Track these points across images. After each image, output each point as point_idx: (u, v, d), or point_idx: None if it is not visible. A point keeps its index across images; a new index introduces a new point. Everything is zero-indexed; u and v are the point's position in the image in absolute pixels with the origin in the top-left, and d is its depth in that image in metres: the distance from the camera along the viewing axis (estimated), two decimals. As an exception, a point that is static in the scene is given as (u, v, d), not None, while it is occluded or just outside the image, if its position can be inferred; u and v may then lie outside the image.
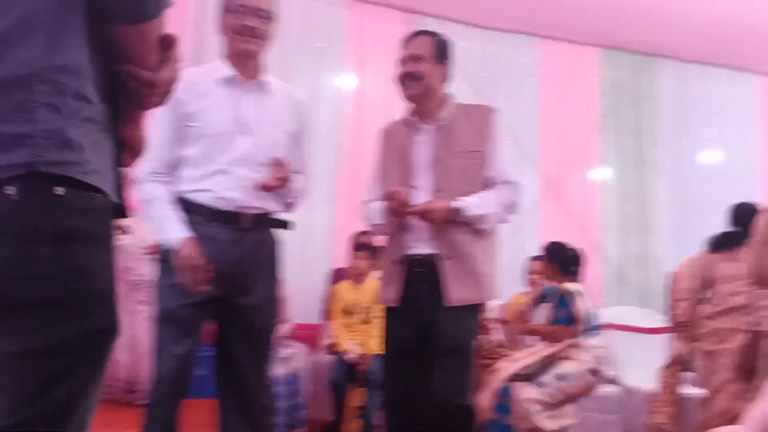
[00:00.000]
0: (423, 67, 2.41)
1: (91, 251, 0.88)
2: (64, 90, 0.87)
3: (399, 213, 2.35)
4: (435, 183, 2.39)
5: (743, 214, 3.95)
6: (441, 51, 2.48)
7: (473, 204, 2.33)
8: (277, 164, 2.16)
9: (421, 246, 2.39)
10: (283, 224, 2.34)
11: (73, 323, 0.85)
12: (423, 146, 2.45)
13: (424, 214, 2.29)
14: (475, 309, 2.39)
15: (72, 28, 0.90)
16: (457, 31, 5.41)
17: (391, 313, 2.48)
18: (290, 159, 2.27)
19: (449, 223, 2.32)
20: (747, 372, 3.58)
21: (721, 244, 3.96)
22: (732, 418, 3.53)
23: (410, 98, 2.46)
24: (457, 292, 2.30)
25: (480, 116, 2.48)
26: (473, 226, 2.35)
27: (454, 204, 2.30)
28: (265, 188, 2.15)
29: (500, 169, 2.43)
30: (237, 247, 2.14)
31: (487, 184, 2.41)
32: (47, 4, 0.87)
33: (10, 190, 0.82)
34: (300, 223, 4.70)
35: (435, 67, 2.44)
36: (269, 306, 2.27)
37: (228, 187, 2.11)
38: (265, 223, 2.25)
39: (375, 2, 5.11)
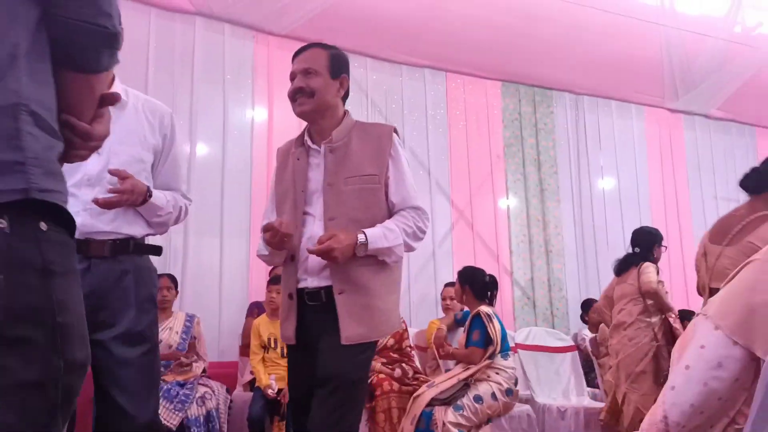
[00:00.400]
0: (315, 82, 2.16)
1: (68, 285, 0.89)
2: (42, 123, 0.88)
3: (275, 245, 2.11)
4: (326, 210, 2.14)
5: (639, 238, 4.30)
6: (336, 64, 2.22)
7: (377, 236, 2.08)
8: (118, 177, 1.99)
9: (313, 278, 2.15)
10: (153, 250, 2.18)
11: (59, 356, 0.86)
12: (315, 169, 2.21)
13: (325, 255, 2.02)
14: (368, 344, 2.14)
15: (45, 64, 0.92)
16: (367, 65, 5.56)
17: (291, 351, 2.27)
18: (158, 175, 2.17)
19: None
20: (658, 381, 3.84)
21: (619, 268, 4.28)
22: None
23: (302, 115, 2.22)
24: (352, 329, 2.06)
25: (378, 136, 2.22)
26: (371, 258, 2.11)
27: (358, 240, 2.05)
28: (100, 204, 1.97)
29: (404, 194, 2.19)
30: (88, 278, 1.95)
31: (390, 210, 2.19)
32: (29, 39, 0.88)
33: (2, 223, 0.81)
34: (214, 257, 4.68)
35: (329, 81, 2.19)
36: (139, 338, 2.05)
37: (74, 212, 1.91)
38: (125, 249, 2.06)
39: (283, 35, 5.15)
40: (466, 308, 4.37)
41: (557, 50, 5.93)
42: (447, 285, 4.95)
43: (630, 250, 4.30)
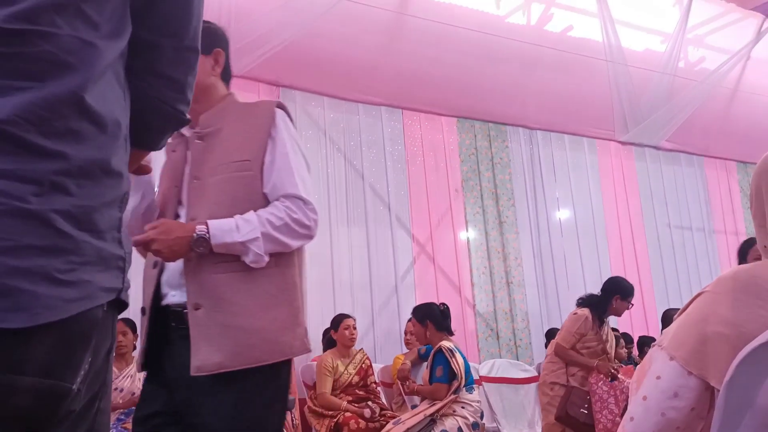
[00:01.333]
0: None
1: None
2: None
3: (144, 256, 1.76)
4: (188, 209, 1.74)
5: (605, 284, 4.40)
6: (205, 38, 1.73)
7: (224, 229, 1.62)
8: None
9: (175, 291, 1.70)
10: None
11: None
12: (189, 159, 1.81)
13: (147, 245, 1.59)
14: (248, 377, 1.61)
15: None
16: (324, 104, 5.62)
17: (146, 382, 1.79)
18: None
19: (202, 258, 1.63)
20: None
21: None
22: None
23: None
24: (202, 356, 1.58)
25: (256, 116, 1.79)
26: (237, 262, 1.66)
27: (196, 231, 1.60)
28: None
29: (278, 181, 1.73)
30: None
31: (267, 202, 1.74)
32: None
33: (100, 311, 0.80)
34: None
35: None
36: None
37: None
38: None
39: (241, 75, 5.18)
40: (428, 343, 4.38)
41: (510, 87, 6.10)
42: (410, 320, 4.96)
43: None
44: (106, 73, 0.79)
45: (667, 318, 5.35)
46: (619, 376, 3.95)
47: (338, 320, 4.62)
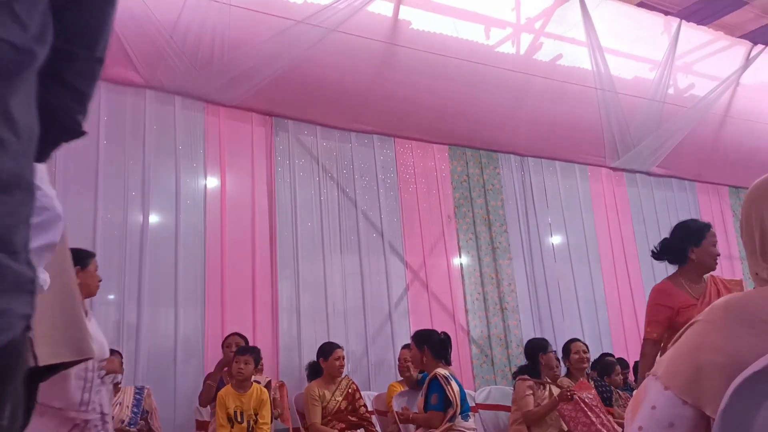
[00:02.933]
0: None
1: None
2: None
3: None
4: None
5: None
6: None
7: None
8: None
9: None
10: None
11: None
12: None
13: None
14: None
15: None
16: (317, 132, 5.66)
17: None
18: None
19: None
20: None
21: None
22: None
23: None
24: None
25: None
26: None
27: None
28: None
29: None
30: None
31: None
32: None
33: None
34: (169, 328, 4.57)
35: None
36: None
37: None
38: None
39: (233, 106, 5.22)
40: (424, 371, 4.36)
41: (501, 115, 6.16)
42: (404, 347, 4.94)
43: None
44: (29, 79, 0.74)
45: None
46: (575, 394, 4.28)
47: (329, 350, 4.60)
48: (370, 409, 4.75)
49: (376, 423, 4.65)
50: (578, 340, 5.04)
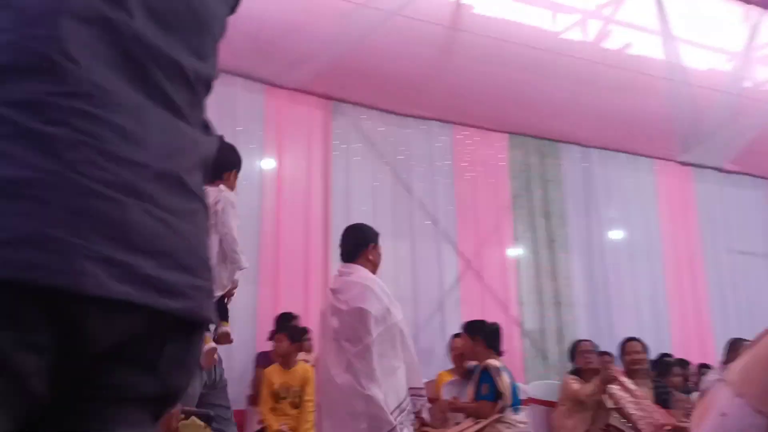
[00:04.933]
0: None
1: None
2: None
3: None
4: None
5: None
6: None
7: None
8: None
9: None
10: None
11: None
12: None
13: None
14: None
15: None
16: (374, 117, 5.62)
17: None
18: None
19: None
20: None
21: None
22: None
23: None
24: None
25: None
26: None
27: None
28: None
29: None
30: None
31: None
32: None
33: None
34: (221, 305, 4.63)
35: None
36: None
37: None
38: None
39: (294, 88, 5.23)
40: (476, 361, 4.31)
41: (565, 103, 5.98)
42: (455, 336, 4.89)
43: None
44: None
45: (734, 348, 5.20)
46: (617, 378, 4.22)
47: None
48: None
49: (424, 411, 4.61)
50: (635, 339, 4.87)
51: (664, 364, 5.25)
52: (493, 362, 4.01)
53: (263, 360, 4.47)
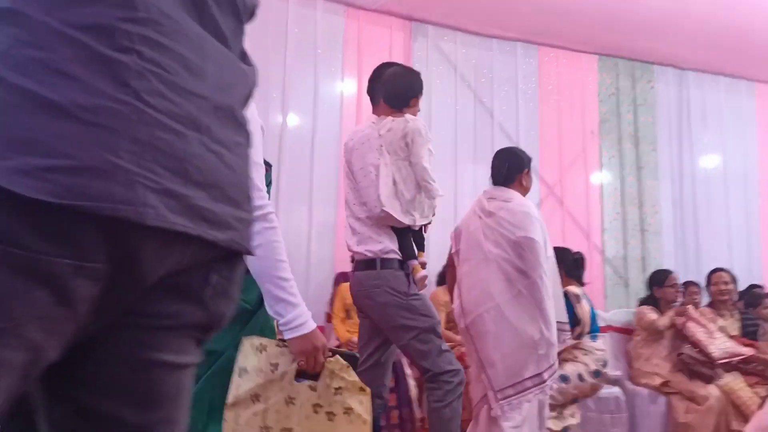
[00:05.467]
0: None
1: None
2: None
3: None
4: None
5: None
6: None
7: None
8: None
9: None
10: None
11: None
12: None
13: None
14: None
15: None
16: (457, 39, 5.48)
17: None
18: None
19: None
20: None
21: None
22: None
23: None
24: None
25: None
26: None
27: None
28: None
29: None
30: None
31: None
32: None
33: None
34: (302, 224, 4.79)
35: None
36: None
37: None
38: None
39: (374, 9, 5.15)
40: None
41: (661, 23, 5.59)
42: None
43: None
44: None
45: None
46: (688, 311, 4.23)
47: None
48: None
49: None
50: (723, 269, 4.70)
51: (753, 296, 5.07)
52: (572, 289, 3.98)
53: (342, 279, 4.60)
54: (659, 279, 4.59)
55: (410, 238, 2.89)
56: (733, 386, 3.93)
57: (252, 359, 1.54)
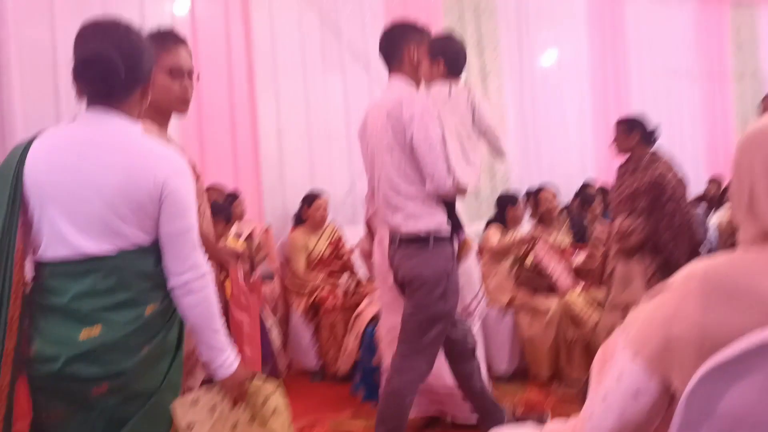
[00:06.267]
0: None
1: None
2: None
3: None
4: None
5: None
6: None
7: None
8: None
9: None
10: None
11: None
12: None
13: None
14: None
15: None
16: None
17: None
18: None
19: None
20: None
21: None
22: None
23: None
24: None
25: None
26: None
27: None
28: None
29: None
30: None
31: None
32: None
33: None
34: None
35: None
36: None
37: None
38: None
39: None
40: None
41: None
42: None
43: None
44: None
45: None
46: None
47: (311, 199, 4.61)
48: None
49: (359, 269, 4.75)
50: (545, 189, 4.72)
51: (585, 196, 5.38)
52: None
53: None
54: (509, 200, 4.60)
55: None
56: (568, 297, 4.11)
57: (192, 415, 1.69)
